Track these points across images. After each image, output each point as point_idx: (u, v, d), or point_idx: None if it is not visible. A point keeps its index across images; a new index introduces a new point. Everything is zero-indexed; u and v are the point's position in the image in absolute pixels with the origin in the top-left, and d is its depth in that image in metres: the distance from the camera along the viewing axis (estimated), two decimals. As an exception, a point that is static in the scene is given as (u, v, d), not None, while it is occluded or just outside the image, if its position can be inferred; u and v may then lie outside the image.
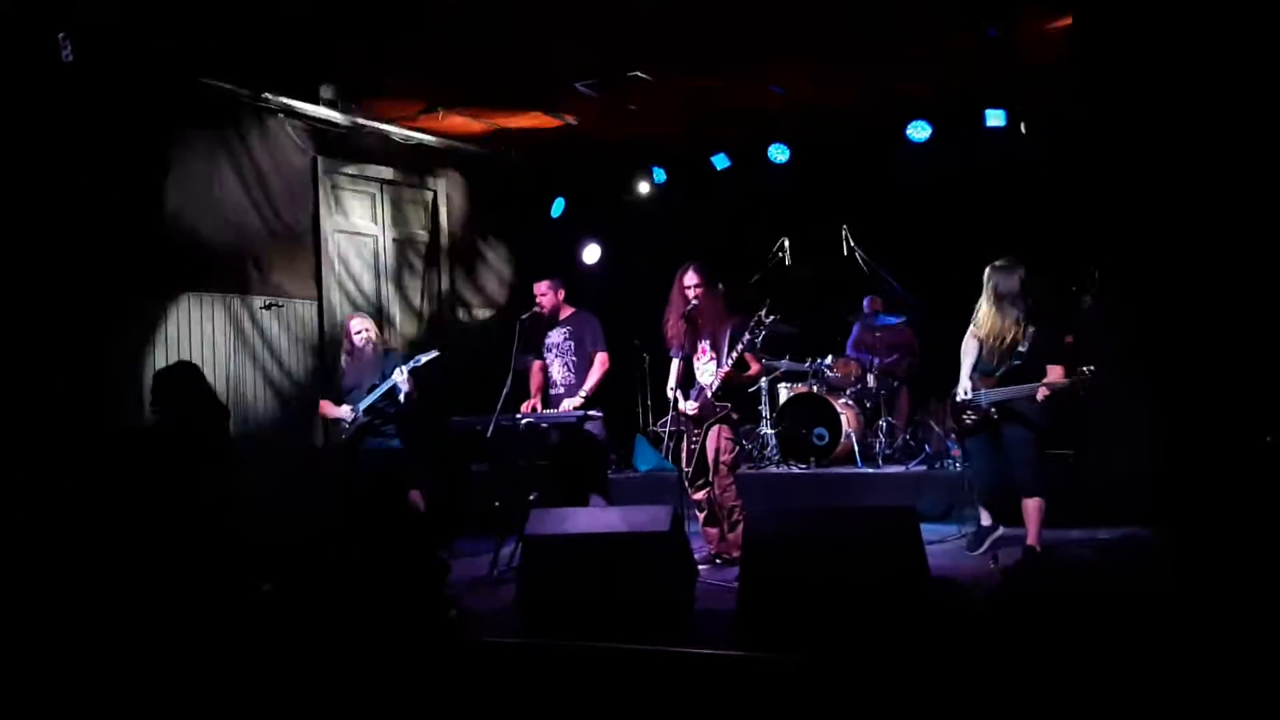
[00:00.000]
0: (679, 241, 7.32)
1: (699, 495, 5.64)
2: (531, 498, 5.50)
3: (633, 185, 9.06)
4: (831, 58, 6.90)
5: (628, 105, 7.71)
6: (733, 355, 5.45)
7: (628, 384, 8.42)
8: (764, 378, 7.63)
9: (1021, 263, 5.35)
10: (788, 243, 8.06)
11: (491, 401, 5.75)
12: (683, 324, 5.68)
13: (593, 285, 8.19)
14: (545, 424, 6.00)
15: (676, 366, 5.82)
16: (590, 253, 9.14)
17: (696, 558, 5.02)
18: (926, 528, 4.80)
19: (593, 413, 5.95)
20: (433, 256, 8.60)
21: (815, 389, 7.83)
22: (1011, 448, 5.35)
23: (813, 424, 7.63)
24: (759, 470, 7.65)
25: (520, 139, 8.45)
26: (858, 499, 6.90)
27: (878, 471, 7.28)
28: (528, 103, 7.67)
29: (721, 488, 5.55)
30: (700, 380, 5.67)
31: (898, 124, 7.78)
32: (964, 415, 5.51)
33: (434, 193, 8.62)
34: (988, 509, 5.69)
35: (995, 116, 7.41)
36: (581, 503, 5.92)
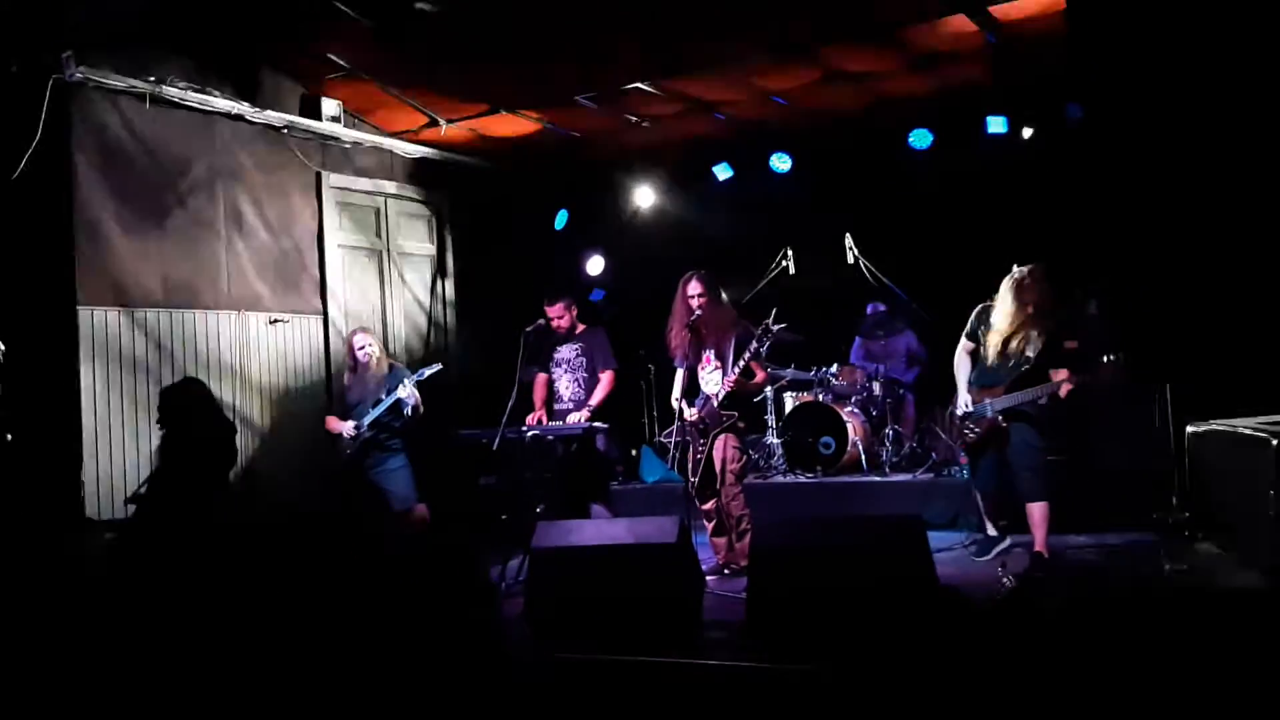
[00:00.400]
0: (681, 251, 7.33)
1: (707, 505, 5.63)
2: (538, 510, 5.50)
3: (635, 196, 9.06)
4: (832, 60, 6.91)
5: (629, 115, 7.73)
6: (739, 364, 5.44)
7: (633, 395, 8.40)
8: (769, 386, 7.62)
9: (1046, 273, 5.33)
10: (791, 252, 8.06)
11: (496, 414, 5.76)
12: (686, 334, 5.68)
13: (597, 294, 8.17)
14: (551, 436, 6.01)
15: (681, 376, 5.82)
16: (594, 264, 9.15)
17: (704, 568, 5.01)
18: (934, 535, 4.78)
19: (598, 425, 5.96)
20: (436, 270, 8.61)
21: (821, 397, 7.81)
22: (1017, 453, 5.33)
23: (819, 433, 7.60)
24: (765, 480, 7.62)
25: (520, 150, 8.47)
26: (864, 507, 6.88)
27: (884, 480, 7.25)
28: (528, 105, 7.68)
29: (729, 497, 5.54)
30: (705, 390, 5.66)
31: (900, 132, 7.78)
32: (966, 429, 5.50)
33: (437, 206, 8.64)
34: (994, 522, 5.68)
35: (996, 123, 7.41)
36: (583, 513, 5.93)
